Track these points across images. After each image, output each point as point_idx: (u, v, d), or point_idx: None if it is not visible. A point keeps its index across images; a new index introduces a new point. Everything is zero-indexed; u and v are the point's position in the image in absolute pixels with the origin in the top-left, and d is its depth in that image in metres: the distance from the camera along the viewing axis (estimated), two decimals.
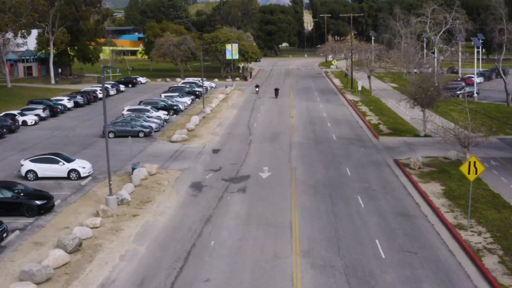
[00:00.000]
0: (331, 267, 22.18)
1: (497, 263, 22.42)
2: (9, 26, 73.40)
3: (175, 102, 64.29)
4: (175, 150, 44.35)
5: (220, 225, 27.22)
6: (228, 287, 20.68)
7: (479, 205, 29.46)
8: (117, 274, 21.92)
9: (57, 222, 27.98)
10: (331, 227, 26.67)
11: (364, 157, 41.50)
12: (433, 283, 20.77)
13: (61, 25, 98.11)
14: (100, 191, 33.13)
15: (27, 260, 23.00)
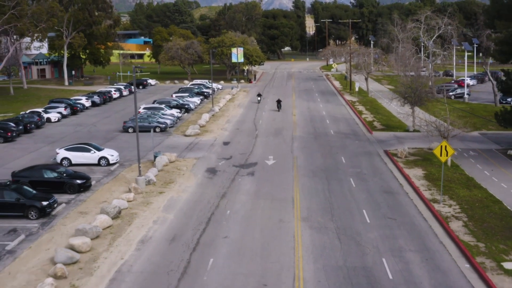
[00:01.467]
0: (325, 228, 27.40)
1: (461, 226, 27.59)
2: (30, 31, 78.67)
3: (186, 102, 69.61)
4: (190, 142, 49.64)
5: (234, 199, 32.45)
6: (243, 241, 25.88)
7: (453, 185, 34.64)
8: (152, 233, 27.16)
9: (95, 197, 33.22)
10: (326, 201, 31.89)
11: (358, 148, 46.72)
12: (407, 239, 25.97)
13: (74, 30, 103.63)
14: (128, 174, 38.39)
15: (76, 224, 28.19)
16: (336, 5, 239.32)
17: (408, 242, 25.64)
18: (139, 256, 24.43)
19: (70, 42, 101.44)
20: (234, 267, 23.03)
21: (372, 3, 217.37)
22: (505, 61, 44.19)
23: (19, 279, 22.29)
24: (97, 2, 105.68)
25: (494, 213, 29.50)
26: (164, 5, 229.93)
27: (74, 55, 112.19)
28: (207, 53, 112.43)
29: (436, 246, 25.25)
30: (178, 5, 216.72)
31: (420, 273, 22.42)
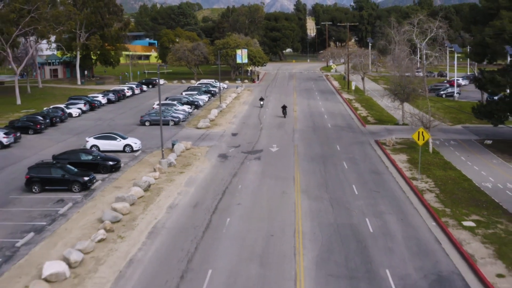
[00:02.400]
0: (320, 198, 33.16)
1: (433, 197, 33.32)
2: (50, 33, 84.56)
3: (195, 99, 75.43)
4: (201, 134, 55.47)
5: (244, 177, 38.23)
6: (253, 207, 31.63)
7: (432, 167, 40.38)
8: (178, 201, 32.94)
9: (125, 176, 39.02)
10: (322, 179, 37.66)
11: (352, 139, 52.50)
12: (387, 206, 31.71)
13: (87, 32, 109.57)
14: (150, 159, 44.20)
15: (113, 195, 33.90)
16: (336, 7, 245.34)
17: (388, 208, 31.39)
18: (169, 217, 30.21)
19: (85, 43, 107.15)
20: (247, 225, 28.79)
21: (371, 6, 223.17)
22: (480, 61, 49.84)
23: (75, 233, 28.04)
24: (109, 6, 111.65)
25: (463, 188, 35.23)
26: (169, 7, 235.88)
27: (86, 56, 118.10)
28: (212, 54, 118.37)
29: (411, 211, 31.00)
30: (183, 8, 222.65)
31: (395, 228, 28.17)
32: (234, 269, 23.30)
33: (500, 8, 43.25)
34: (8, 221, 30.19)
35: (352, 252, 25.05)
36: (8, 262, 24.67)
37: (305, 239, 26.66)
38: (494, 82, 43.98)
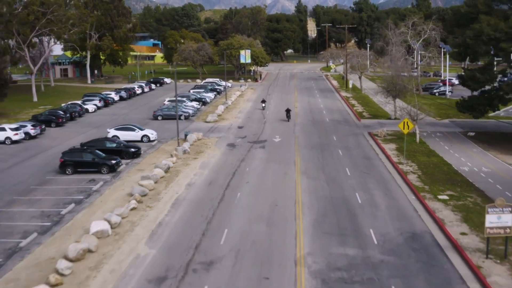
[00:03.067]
0: (317, 178, 38.33)
1: (415, 177, 38.47)
2: (66, 34, 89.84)
3: (203, 96, 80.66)
4: (210, 127, 60.69)
5: (251, 162, 43.41)
6: (259, 185, 36.79)
7: (417, 154, 45.54)
8: (194, 180, 38.13)
9: (146, 161, 44.23)
10: (319, 163, 42.84)
11: (347, 131, 57.67)
12: (374, 184, 36.86)
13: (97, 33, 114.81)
14: (166, 147, 49.40)
15: (138, 176, 39.04)
16: (336, 9, 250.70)
17: (375, 185, 36.56)
18: (188, 192, 35.40)
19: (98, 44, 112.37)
20: (254, 198, 33.96)
21: (371, 7, 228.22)
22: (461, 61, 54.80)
23: (109, 204, 33.20)
24: (118, 8, 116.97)
25: (443, 171, 40.39)
26: (173, 9, 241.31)
27: (95, 56, 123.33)
28: (217, 54, 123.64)
29: (394, 188, 36.17)
30: (186, 9, 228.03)
31: (380, 200, 33.33)
32: (246, 228, 28.49)
33: (479, 13, 48.41)
34: (50, 195, 35.38)
35: (343, 217, 30.23)
36: (57, 225, 29.84)
37: (304, 207, 31.85)
38: (474, 79, 49.16)
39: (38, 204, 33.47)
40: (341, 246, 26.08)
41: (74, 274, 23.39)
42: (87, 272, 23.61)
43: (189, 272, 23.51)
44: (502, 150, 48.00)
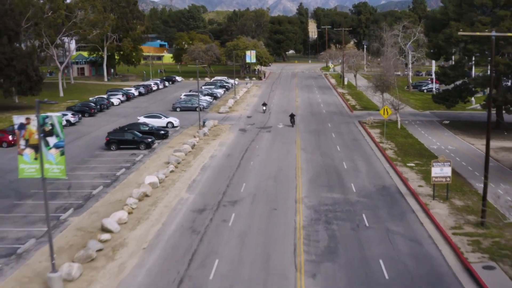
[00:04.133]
0: (313, 153, 48.10)
1: (392, 152, 48.18)
2: (90, 35, 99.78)
3: (214, 91, 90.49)
4: (223, 116, 70.49)
5: (259, 142, 53.19)
6: (267, 157, 46.51)
7: (396, 137, 55.24)
8: (216, 154, 47.92)
9: (173, 141, 54.01)
10: (316, 143, 52.59)
11: (341, 120, 67.43)
12: (359, 156, 46.60)
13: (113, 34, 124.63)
14: (189, 131, 59.18)
15: (170, 151, 48.77)
16: (336, 12, 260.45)
17: (359, 157, 46.33)
18: (212, 162, 45.18)
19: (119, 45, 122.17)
20: (264, 165, 43.71)
21: (369, 10, 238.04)
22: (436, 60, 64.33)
23: (152, 169, 42.91)
24: (133, 12, 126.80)
25: (415, 148, 50.08)
26: (180, 11, 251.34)
27: (110, 56, 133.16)
28: (223, 55, 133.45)
29: (374, 159, 45.91)
30: (192, 12, 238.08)
31: (361, 167, 43.07)
32: (259, 183, 38.26)
33: (450, 20, 58.10)
34: (103, 164, 45.15)
35: (332, 177, 40.01)
36: (116, 182, 39.57)
37: (302, 171, 41.64)
38: (446, 75, 58.89)
39: (96, 170, 43.24)
40: (329, 193, 35.86)
41: (138, 208, 33.15)
42: (148, 207, 33.38)
43: (220, 206, 33.30)
44: (469, 134, 57.69)
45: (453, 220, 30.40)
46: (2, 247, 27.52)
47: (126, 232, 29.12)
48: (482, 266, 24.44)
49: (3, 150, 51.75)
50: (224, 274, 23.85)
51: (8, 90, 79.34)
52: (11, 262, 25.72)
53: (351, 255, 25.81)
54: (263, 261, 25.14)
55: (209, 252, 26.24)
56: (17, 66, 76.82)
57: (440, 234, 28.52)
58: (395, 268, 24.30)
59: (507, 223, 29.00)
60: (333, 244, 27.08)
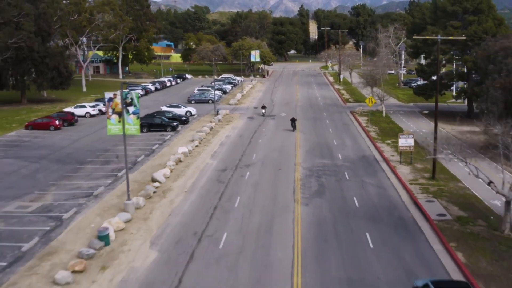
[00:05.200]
0: (310, 134, 58.70)
1: (375, 133, 58.72)
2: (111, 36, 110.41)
3: (223, 87, 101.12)
4: (233, 107, 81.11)
5: (265, 127, 63.77)
6: (272, 137, 57.11)
7: (380, 123, 65.77)
8: (230, 134, 58.54)
9: (193, 126, 64.58)
10: (312, 128, 63.16)
11: (335, 110, 77.99)
12: (347, 137, 57.17)
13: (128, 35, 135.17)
14: (205, 119, 69.77)
15: (192, 132, 59.33)
16: (335, 14, 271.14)
17: (347, 137, 56.90)
18: (227, 140, 55.74)
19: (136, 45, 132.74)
20: (270, 142, 54.23)
21: (368, 12, 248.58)
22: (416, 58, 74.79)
23: (179, 145, 53.38)
24: (147, 15, 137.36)
25: (394, 131, 60.52)
26: (186, 13, 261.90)
27: (124, 55, 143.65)
28: (230, 54, 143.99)
29: (359, 139, 56.45)
30: (198, 13, 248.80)
31: (348, 143, 53.62)
32: (266, 154, 48.80)
33: (427, 24, 68.63)
34: (139, 142, 55.66)
35: (324, 150, 50.57)
36: (153, 153, 50.10)
37: (300, 146, 52.22)
38: (423, 71, 69.38)
39: (135, 145, 53.77)
40: (320, 160, 46.43)
41: (176, 169, 43.68)
42: (182, 168, 43.94)
43: (238, 168, 43.86)
44: (442, 121, 67.93)
45: (412, 176, 41.00)
46: (81, 192, 38.05)
47: (170, 182, 39.72)
48: (425, 200, 34.99)
49: (52, 133, 62.19)
50: (245, 204, 34.41)
51: (42, 84, 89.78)
52: (91, 200, 36.23)
53: (334, 195, 36.38)
54: (271, 197, 35.72)
55: (233, 193, 36.83)
56: (49, 64, 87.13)
57: (400, 184, 39.08)
58: (364, 202, 34.85)
59: (449, 177, 39.50)
60: (321, 189, 37.65)
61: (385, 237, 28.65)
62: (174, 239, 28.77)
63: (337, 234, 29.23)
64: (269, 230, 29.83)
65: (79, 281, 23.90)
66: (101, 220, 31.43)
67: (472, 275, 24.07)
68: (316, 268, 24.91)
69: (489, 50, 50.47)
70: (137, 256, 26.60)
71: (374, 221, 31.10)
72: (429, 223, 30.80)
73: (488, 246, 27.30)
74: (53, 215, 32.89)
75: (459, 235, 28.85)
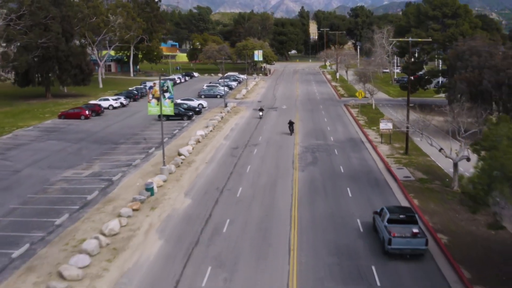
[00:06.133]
0: (308, 122, 68.09)
1: (363, 121, 68.07)
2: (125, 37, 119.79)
3: (229, 84, 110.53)
4: (239, 101, 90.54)
5: (269, 117, 73.14)
6: (275, 125, 66.42)
7: (370, 113, 75.07)
8: (239, 122, 67.93)
9: (206, 115, 73.95)
10: (310, 116, 72.53)
11: (330, 103, 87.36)
12: (339, 124, 66.54)
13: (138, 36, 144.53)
14: (215, 110, 79.12)
15: (205, 121, 68.67)
16: (335, 15, 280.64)
17: (339, 124, 66.24)
18: (237, 126, 65.09)
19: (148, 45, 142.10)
20: (273, 127, 63.54)
21: (366, 13, 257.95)
22: (402, 57, 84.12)
23: (196, 129, 62.72)
24: (157, 17, 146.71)
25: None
26: (190, 14, 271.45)
27: (135, 54, 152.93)
28: (234, 54, 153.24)
29: (350, 126, 65.77)
30: (202, 14, 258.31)
31: (339, 129, 62.97)
32: (270, 136, 58.15)
33: (411, 27, 77.94)
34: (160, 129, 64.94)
35: (318, 134, 59.91)
36: (175, 136, 59.40)
37: (299, 131, 61.57)
38: (407, 68, 78.50)
39: (157, 131, 62.71)
40: (315, 141, 55.79)
41: (196, 148, 52.98)
42: (201, 147, 53.31)
43: (247, 146, 53.21)
44: (424, 112, 77.39)
45: (389, 152, 50.38)
46: (121, 163, 47.30)
47: (193, 156, 49.10)
48: (396, 168, 44.31)
49: (83, 121, 71.39)
50: (254, 170, 43.74)
51: (66, 81, 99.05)
52: (131, 168, 45.51)
53: (324, 164, 45.73)
54: (275, 166, 45.05)
55: (244, 163, 46.17)
56: (72, 62, 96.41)
57: (379, 157, 48.43)
58: (348, 169, 44.17)
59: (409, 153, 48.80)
60: (314, 161, 47.00)
61: (361, 190, 37.99)
62: (202, 192, 38.14)
63: (325, 188, 38.58)
64: (274, 186, 39.17)
65: (137, 215, 33.20)
66: (143, 181, 40.71)
67: (422, 212, 33.35)
68: (308, 208, 34.23)
69: (458, 50, 59.75)
70: (176, 202, 35.95)
71: (354, 181, 40.46)
72: (397, 183, 40.13)
73: (438, 196, 36.60)
74: (104, 178, 42.21)
75: (418, 190, 38.17)
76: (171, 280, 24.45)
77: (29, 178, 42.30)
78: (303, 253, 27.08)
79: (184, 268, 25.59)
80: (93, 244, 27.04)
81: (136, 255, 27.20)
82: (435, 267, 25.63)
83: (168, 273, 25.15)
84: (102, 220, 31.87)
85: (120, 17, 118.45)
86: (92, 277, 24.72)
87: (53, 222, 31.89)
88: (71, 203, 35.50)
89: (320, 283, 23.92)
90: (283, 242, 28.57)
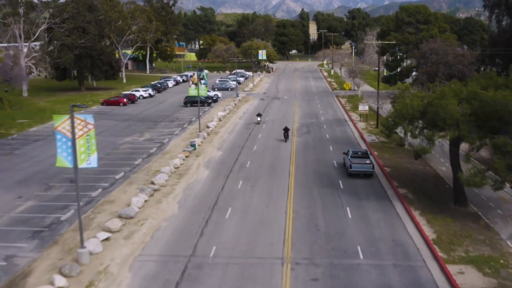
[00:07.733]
0: (305, 108, 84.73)
1: (349, 107, 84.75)
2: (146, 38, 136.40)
3: (237, 79, 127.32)
4: (247, 93, 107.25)
5: (273, 104, 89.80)
6: (278, 110, 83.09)
7: (355, 102, 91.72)
8: (249, 108, 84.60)
9: (221, 103, 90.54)
10: (307, 104, 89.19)
11: (324, 95, 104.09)
12: (330, 109, 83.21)
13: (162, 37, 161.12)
14: (228, 100, 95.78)
15: (222, 107, 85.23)
16: (333, 17, 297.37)
17: (329, 110, 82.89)
18: (248, 111, 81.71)
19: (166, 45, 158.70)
20: (277, 111, 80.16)
21: (362, 15, 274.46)
22: (383, 55, 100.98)
23: (215, 113, 79.29)
24: (171, 19, 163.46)
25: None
26: (197, 15, 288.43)
27: (150, 53, 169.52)
28: (240, 53, 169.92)
29: (338, 111, 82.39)
30: (208, 16, 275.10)
31: (329, 113, 79.62)
32: (275, 117, 74.78)
33: (391, 31, 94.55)
34: (187, 112, 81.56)
35: (312, 116, 76.58)
36: (201, 116, 76.06)
37: (297, 114, 78.24)
38: (388, 65, 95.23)
39: (185, 113, 79.63)
40: (309, 120, 72.45)
41: (218, 124, 69.54)
42: (222, 124, 69.83)
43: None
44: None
45: (365, 127, 67.07)
46: (165, 133, 63.84)
47: (217, 129, 65.71)
48: (367, 135, 60.99)
49: (122, 107, 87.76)
50: (264, 137, 60.40)
51: (98, 76, 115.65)
52: (174, 135, 62.10)
53: (315, 134, 62.39)
54: (279, 136, 61.61)
55: (256, 133, 62.83)
56: (104, 59, 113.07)
57: (356, 130, 65.11)
58: (332, 136, 60.83)
59: None
60: (308, 132, 63.67)
61: (339, 147, 54.61)
62: (228, 148, 54.82)
63: (314, 147, 55.24)
64: (278, 148, 55.78)
65: (187, 160, 49.76)
66: (185, 143, 57.30)
67: (378, 158, 49.93)
68: (302, 156, 50.82)
69: (422, 49, 76.36)
70: (212, 153, 52.60)
71: (335, 143, 57.15)
72: (365, 143, 56.79)
73: (391, 151, 53.23)
74: (157, 141, 58.82)
75: (379, 147, 54.82)
76: (219, 187, 41.04)
77: (100, 143, 58.89)
78: (298, 175, 43.76)
79: (225, 182, 42.25)
80: (167, 169, 43.70)
81: (194, 176, 43.86)
82: (378, 182, 42.27)
83: (216, 184, 41.78)
84: (166, 161, 48.55)
85: (141, 20, 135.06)
86: (171, 185, 41.32)
87: (134, 163, 48.52)
88: (140, 154, 52.15)
89: (309, 188, 40.52)
90: (285, 171, 45.24)
